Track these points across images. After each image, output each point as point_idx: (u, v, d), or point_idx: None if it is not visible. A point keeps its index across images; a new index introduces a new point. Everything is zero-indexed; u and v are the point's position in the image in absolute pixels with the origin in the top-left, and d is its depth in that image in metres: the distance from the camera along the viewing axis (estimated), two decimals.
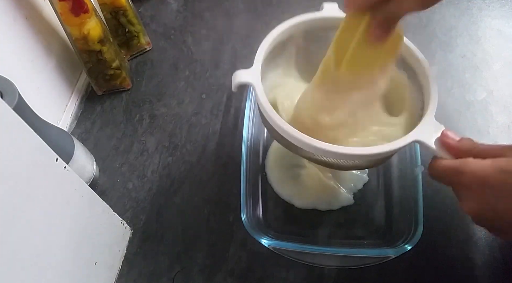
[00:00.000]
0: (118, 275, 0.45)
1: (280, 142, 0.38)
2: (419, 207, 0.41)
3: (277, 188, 0.48)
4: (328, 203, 0.47)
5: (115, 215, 0.45)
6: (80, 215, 0.38)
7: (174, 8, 0.68)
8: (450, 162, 0.31)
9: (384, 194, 0.47)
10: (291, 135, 0.34)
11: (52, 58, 0.54)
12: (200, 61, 0.62)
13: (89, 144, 0.54)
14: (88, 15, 0.50)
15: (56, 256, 0.34)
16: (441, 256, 0.44)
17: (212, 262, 0.45)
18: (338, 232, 0.46)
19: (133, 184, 0.52)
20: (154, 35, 0.65)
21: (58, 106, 0.55)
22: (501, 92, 0.55)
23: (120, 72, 0.57)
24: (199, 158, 0.53)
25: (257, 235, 0.41)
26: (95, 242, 0.41)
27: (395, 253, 0.39)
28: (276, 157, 0.50)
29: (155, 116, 0.57)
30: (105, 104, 0.59)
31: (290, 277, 0.44)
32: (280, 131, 0.35)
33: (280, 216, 0.47)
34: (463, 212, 0.31)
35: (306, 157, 0.38)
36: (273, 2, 0.67)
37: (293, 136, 0.34)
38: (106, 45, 0.53)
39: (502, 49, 0.59)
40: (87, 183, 0.48)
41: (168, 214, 0.49)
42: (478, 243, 0.44)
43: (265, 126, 0.40)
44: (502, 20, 0.61)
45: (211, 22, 0.66)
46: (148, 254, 0.47)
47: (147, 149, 0.54)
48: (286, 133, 0.34)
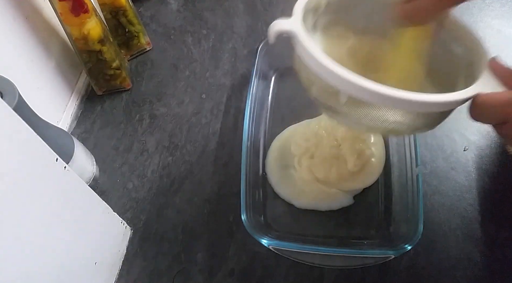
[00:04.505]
0: (118, 275, 0.45)
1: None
2: (419, 207, 0.41)
3: (277, 188, 0.48)
4: (328, 204, 0.47)
5: (115, 215, 0.45)
6: (80, 215, 0.38)
7: (174, 8, 0.68)
8: (500, 93, 0.28)
9: (384, 194, 0.47)
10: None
11: (52, 58, 0.54)
12: (200, 61, 0.62)
13: (89, 144, 0.54)
14: (88, 15, 0.50)
15: (56, 256, 0.34)
16: (441, 256, 0.44)
17: (212, 262, 0.45)
18: (338, 232, 0.46)
19: (133, 184, 0.52)
20: (154, 35, 0.65)
21: (58, 106, 0.55)
22: None
23: (120, 72, 0.57)
24: (199, 158, 0.53)
25: (257, 235, 0.41)
26: (95, 242, 0.41)
27: (395, 253, 0.39)
28: (276, 157, 0.50)
29: (155, 116, 0.57)
30: (105, 104, 0.59)
31: (290, 277, 0.44)
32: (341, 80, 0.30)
33: (280, 216, 0.47)
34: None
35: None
36: (273, 2, 0.67)
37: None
38: (106, 45, 0.53)
39: (502, 49, 0.59)
40: (87, 183, 0.48)
41: (168, 214, 0.49)
42: (478, 243, 0.44)
43: (310, 84, 0.35)
44: (502, 20, 0.61)
45: (211, 22, 0.66)
46: (148, 254, 0.47)
47: (147, 149, 0.54)
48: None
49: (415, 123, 0.32)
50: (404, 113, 0.31)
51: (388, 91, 0.29)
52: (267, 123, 0.53)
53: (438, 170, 0.48)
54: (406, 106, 0.30)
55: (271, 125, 0.53)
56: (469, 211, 0.46)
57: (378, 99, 0.30)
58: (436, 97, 0.29)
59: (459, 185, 0.47)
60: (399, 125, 0.32)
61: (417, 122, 0.32)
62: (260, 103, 0.52)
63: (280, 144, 0.51)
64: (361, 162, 0.47)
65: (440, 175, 0.48)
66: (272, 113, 0.54)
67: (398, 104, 0.30)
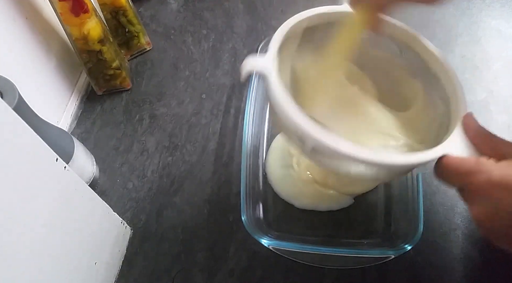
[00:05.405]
0: (118, 275, 0.45)
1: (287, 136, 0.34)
2: (419, 207, 0.41)
3: (277, 188, 0.48)
4: (328, 204, 0.47)
5: (115, 215, 0.45)
6: (80, 215, 0.38)
7: (174, 8, 0.68)
8: (463, 159, 0.28)
9: (384, 194, 0.47)
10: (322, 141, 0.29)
11: (52, 58, 0.54)
12: (200, 61, 0.62)
13: (89, 144, 0.54)
14: (88, 15, 0.50)
15: (56, 256, 0.34)
16: (441, 256, 0.44)
17: (212, 262, 0.45)
18: (338, 232, 0.46)
19: (133, 184, 0.52)
20: (154, 35, 0.65)
21: (58, 106, 0.55)
22: (501, 92, 0.55)
23: (120, 72, 0.57)
24: (199, 158, 0.53)
25: (257, 235, 0.41)
26: (95, 242, 0.41)
27: (395, 253, 0.39)
28: (276, 157, 0.50)
29: (155, 116, 0.57)
30: (105, 104, 0.59)
31: (290, 277, 0.44)
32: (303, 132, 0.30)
33: (280, 216, 0.47)
34: (472, 218, 0.28)
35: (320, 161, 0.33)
36: (273, 2, 0.67)
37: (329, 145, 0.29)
38: (106, 45, 0.53)
39: (502, 49, 0.59)
40: (87, 183, 0.48)
41: (168, 214, 0.49)
42: (478, 243, 0.44)
43: (277, 124, 0.35)
44: (502, 20, 0.61)
45: (211, 22, 0.66)
46: (148, 254, 0.47)
47: (147, 149, 0.54)
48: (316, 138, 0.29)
49: (379, 176, 0.33)
50: (366, 167, 0.31)
51: (350, 150, 0.28)
52: (267, 123, 0.53)
53: None
54: (366, 164, 0.30)
55: (271, 125, 0.53)
56: None
57: (339, 156, 0.29)
58: (399, 158, 0.29)
59: None
60: (363, 176, 0.33)
61: (381, 175, 0.33)
62: (260, 103, 0.52)
63: (280, 144, 0.51)
64: None
65: None
66: None
67: (358, 162, 0.30)
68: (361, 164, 0.31)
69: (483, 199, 0.27)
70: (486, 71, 0.57)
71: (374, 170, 0.31)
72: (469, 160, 0.28)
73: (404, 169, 0.33)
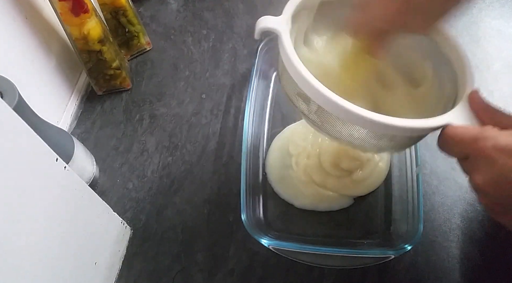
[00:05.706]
0: (118, 275, 0.45)
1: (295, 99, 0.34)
2: (419, 207, 0.41)
3: (277, 188, 0.48)
4: (328, 204, 0.47)
5: (115, 215, 0.45)
6: (80, 215, 0.38)
7: (174, 8, 0.68)
8: (468, 127, 0.29)
9: (384, 194, 0.47)
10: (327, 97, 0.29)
11: (52, 58, 0.54)
12: (200, 61, 0.62)
13: (89, 144, 0.54)
14: (88, 15, 0.50)
15: (56, 256, 0.34)
16: (441, 256, 0.44)
17: (212, 262, 0.45)
18: (338, 232, 0.46)
19: (133, 184, 0.52)
20: (154, 35, 0.65)
21: (58, 106, 0.55)
22: (501, 92, 0.55)
23: (120, 72, 0.57)
24: (199, 158, 0.53)
25: (257, 235, 0.41)
26: (95, 242, 0.41)
27: (395, 253, 0.39)
28: (276, 157, 0.50)
29: (155, 116, 0.57)
30: (105, 104, 0.59)
31: (290, 277, 0.44)
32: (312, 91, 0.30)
33: (280, 216, 0.47)
34: (472, 185, 0.28)
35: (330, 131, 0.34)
36: (273, 2, 0.67)
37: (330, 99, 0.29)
38: (106, 45, 0.53)
39: (502, 49, 0.59)
40: (87, 183, 0.48)
41: (168, 214, 0.49)
42: (478, 243, 0.44)
43: (286, 86, 0.35)
44: (502, 20, 0.61)
45: (211, 22, 0.66)
46: (148, 254, 0.47)
47: (147, 149, 0.54)
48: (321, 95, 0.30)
49: (380, 143, 0.33)
50: (368, 132, 0.32)
51: (353, 109, 0.29)
52: (267, 123, 0.53)
53: (438, 170, 0.48)
54: (369, 126, 0.30)
55: (271, 125, 0.53)
56: (469, 211, 0.46)
57: (344, 114, 0.30)
58: (404, 122, 0.29)
59: (459, 185, 0.47)
60: (364, 143, 0.33)
61: (382, 143, 0.33)
62: (260, 103, 0.52)
63: (280, 144, 0.51)
64: (368, 169, 0.47)
65: (440, 175, 0.48)
66: (272, 113, 0.54)
67: (362, 123, 0.30)
68: (363, 128, 0.31)
69: (488, 165, 0.26)
70: (486, 71, 0.57)
71: (376, 135, 0.32)
72: (474, 127, 0.28)
73: (406, 134, 0.32)
